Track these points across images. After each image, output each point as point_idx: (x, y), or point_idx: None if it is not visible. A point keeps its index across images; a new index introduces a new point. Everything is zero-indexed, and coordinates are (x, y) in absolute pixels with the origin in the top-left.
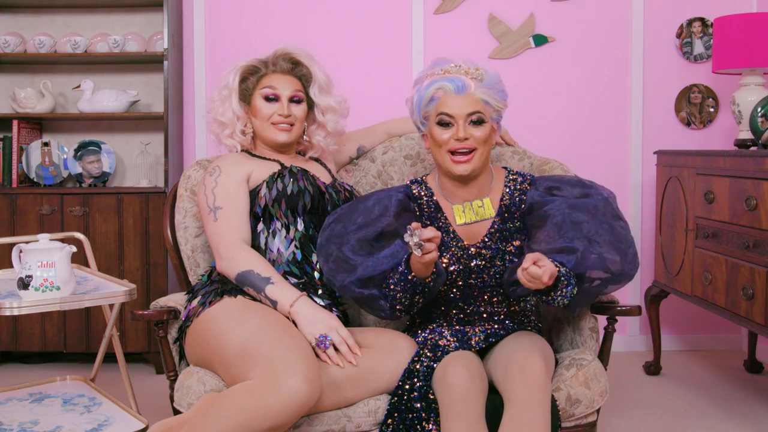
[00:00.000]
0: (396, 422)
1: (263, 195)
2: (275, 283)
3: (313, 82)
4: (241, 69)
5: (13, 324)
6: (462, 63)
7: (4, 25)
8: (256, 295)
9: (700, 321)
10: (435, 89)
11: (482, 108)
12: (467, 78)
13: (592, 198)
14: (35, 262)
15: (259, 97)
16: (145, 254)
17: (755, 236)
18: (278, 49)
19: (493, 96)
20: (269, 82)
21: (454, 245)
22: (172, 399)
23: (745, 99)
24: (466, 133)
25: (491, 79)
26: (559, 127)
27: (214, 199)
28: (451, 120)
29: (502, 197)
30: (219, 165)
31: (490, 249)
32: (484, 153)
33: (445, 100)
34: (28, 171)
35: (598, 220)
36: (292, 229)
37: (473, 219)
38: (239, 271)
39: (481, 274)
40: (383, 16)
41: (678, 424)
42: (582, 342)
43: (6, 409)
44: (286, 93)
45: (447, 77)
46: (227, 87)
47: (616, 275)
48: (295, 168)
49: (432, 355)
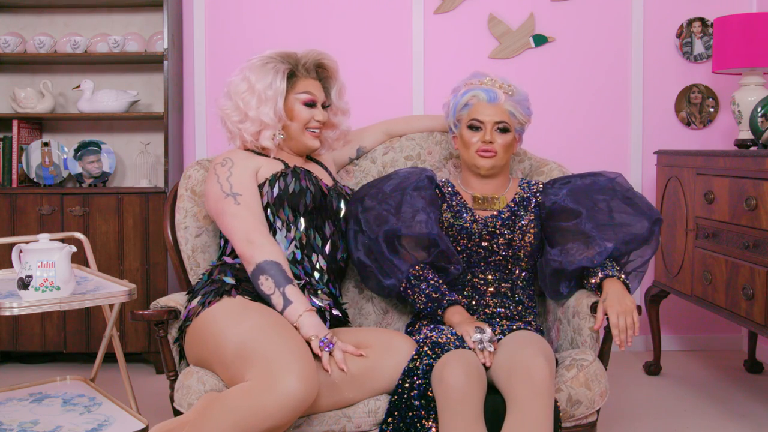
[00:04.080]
0: (396, 420)
1: (265, 192)
2: (295, 287)
3: (335, 86)
4: (283, 72)
5: (13, 324)
6: (497, 78)
7: (4, 25)
8: (269, 288)
9: (700, 321)
10: (470, 96)
11: (508, 119)
12: (499, 91)
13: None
14: (35, 262)
15: (298, 102)
16: (145, 254)
17: (755, 236)
18: (309, 53)
19: (519, 110)
20: (306, 87)
21: (469, 214)
22: (172, 399)
23: (745, 99)
24: (491, 137)
25: (520, 96)
26: (559, 127)
27: (230, 186)
28: (481, 125)
29: (516, 194)
30: (230, 157)
31: (501, 219)
32: (505, 157)
33: (478, 107)
34: (28, 171)
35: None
36: (293, 229)
37: (488, 207)
38: (267, 259)
39: (491, 241)
40: (383, 16)
41: (678, 424)
42: (582, 342)
43: (6, 409)
44: (320, 98)
45: (482, 87)
46: (272, 88)
47: (648, 236)
48: (299, 168)
49: (432, 353)
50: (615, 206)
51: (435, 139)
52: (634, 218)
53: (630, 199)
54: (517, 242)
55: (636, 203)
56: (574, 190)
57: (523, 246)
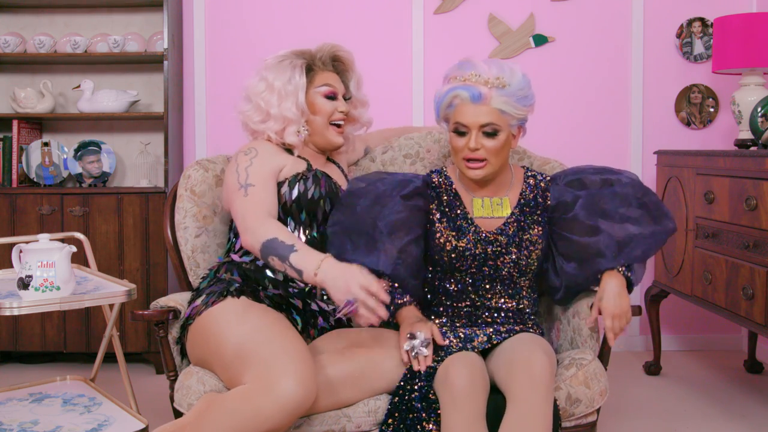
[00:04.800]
0: (396, 422)
1: (284, 193)
2: (299, 250)
3: (353, 78)
4: (301, 66)
5: (13, 324)
6: (483, 72)
7: (4, 25)
8: (280, 266)
9: (700, 321)
10: (452, 96)
11: (497, 118)
12: (485, 88)
13: (618, 185)
14: (35, 262)
15: (319, 95)
16: (145, 254)
17: (755, 236)
18: (326, 46)
19: (512, 104)
20: (325, 79)
21: (472, 231)
22: (172, 399)
23: (745, 99)
24: (477, 143)
25: (515, 86)
26: (559, 127)
27: (246, 177)
28: (465, 129)
29: (522, 192)
30: (256, 147)
31: (507, 236)
32: (496, 163)
33: (461, 108)
34: (28, 171)
35: (630, 204)
36: (307, 232)
37: (490, 215)
38: (263, 241)
39: (496, 260)
40: (383, 16)
41: (678, 424)
42: (582, 342)
43: (6, 409)
44: (341, 90)
45: (464, 85)
46: (291, 83)
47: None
48: (320, 173)
49: (434, 356)
50: (631, 215)
51: (434, 137)
52: (648, 227)
53: (646, 205)
54: (524, 261)
55: (651, 210)
56: (590, 201)
57: (530, 263)
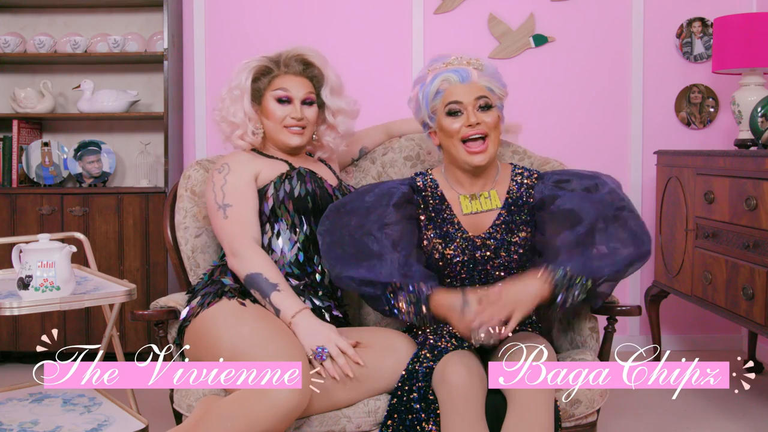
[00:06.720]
0: (396, 423)
1: (270, 195)
2: (281, 291)
3: (326, 84)
4: (254, 69)
5: (13, 324)
6: (462, 55)
7: (4, 25)
8: (261, 299)
9: (700, 321)
10: (440, 81)
11: (488, 94)
12: (470, 68)
13: (599, 192)
14: (35, 262)
15: (272, 98)
16: (145, 254)
17: (755, 236)
18: (290, 50)
19: (495, 84)
20: (282, 83)
21: (459, 236)
22: (171, 399)
23: (745, 99)
24: (477, 118)
25: (490, 69)
26: (559, 127)
27: (223, 197)
28: (460, 107)
29: (509, 190)
30: (228, 163)
31: (495, 240)
32: (495, 140)
33: (452, 90)
34: (28, 171)
35: (606, 215)
36: (298, 231)
37: (480, 209)
38: (248, 273)
39: (485, 265)
40: (383, 16)
41: (678, 424)
42: (582, 342)
43: (6, 409)
44: (299, 95)
45: (450, 69)
46: (239, 87)
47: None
48: (304, 170)
49: (431, 356)
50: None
51: None
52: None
53: (624, 221)
54: (515, 264)
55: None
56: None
57: (521, 264)
